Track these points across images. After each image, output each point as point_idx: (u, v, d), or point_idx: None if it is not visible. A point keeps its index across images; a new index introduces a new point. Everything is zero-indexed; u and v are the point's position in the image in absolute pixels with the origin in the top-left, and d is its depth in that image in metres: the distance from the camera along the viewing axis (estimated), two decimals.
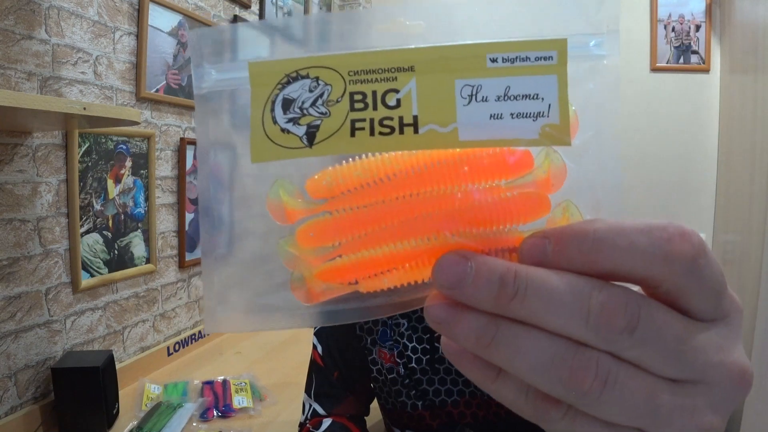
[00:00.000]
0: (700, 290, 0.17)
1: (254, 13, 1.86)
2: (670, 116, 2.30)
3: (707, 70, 2.25)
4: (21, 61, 1.01)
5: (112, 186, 1.26)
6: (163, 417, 1.10)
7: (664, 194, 2.33)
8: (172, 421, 1.09)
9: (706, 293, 0.18)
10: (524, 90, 0.18)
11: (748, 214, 1.77)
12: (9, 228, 1.01)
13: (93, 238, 1.21)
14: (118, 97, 1.27)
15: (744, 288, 1.75)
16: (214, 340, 1.68)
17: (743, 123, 1.92)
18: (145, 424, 1.06)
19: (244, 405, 1.21)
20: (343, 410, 0.84)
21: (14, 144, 1.01)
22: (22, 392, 1.05)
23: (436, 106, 0.18)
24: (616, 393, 0.17)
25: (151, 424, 1.06)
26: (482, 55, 0.18)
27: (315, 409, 0.85)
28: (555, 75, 0.18)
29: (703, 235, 2.27)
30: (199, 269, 1.63)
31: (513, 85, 0.18)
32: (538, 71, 0.18)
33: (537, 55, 0.18)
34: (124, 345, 1.33)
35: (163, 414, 1.11)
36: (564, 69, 0.18)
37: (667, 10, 2.27)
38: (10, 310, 1.02)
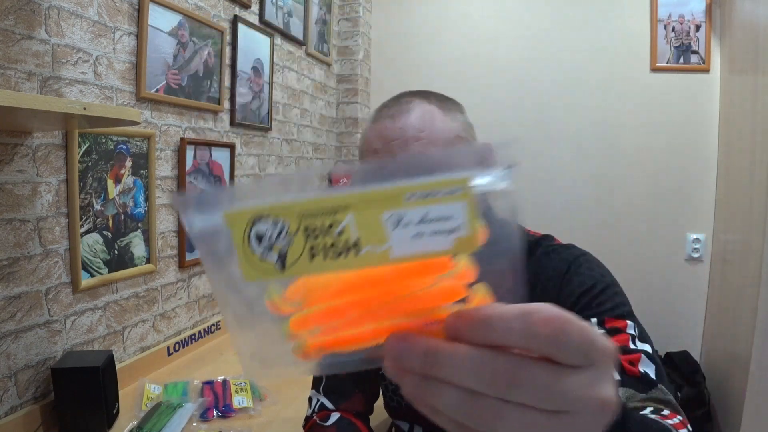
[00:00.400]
0: (562, 354, 0.24)
1: (254, 13, 1.86)
2: (670, 116, 2.30)
3: (707, 70, 2.25)
4: (21, 61, 1.01)
5: (112, 186, 1.26)
6: (163, 417, 1.10)
7: (664, 194, 2.33)
8: (172, 421, 1.09)
9: (568, 354, 0.24)
10: (439, 214, 0.24)
11: (748, 214, 1.77)
12: (9, 228, 1.01)
13: (93, 238, 1.21)
14: (118, 97, 1.27)
15: (744, 288, 1.75)
16: (213, 340, 1.68)
17: (743, 123, 1.92)
18: (145, 424, 1.06)
19: (244, 405, 1.21)
20: (350, 406, 0.85)
21: (14, 144, 1.01)
22: (22, 392, 1.05)
23: (370, 232, 0.24)
24: (505, 424, 0.24)
25: (151, 424, 1.06)
26: (399, 195, 0.24)
27: (323, 403, 0.86)
28: (464, 201, 0.24)
29: (703, 235, 2.28)
30: (199, 269, 1.63)
31: (431, 211, 0.24)
32: (449, 200, 0.24)
33: (446, 190, 0.24)
34: (124, 345, 1.33)
35: (163, 414, 1.11)
36: (470, 197, 0.24)
37: (667, 10, 2.27)
38: (10, 310, 1.02)
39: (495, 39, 2.51)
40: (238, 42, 1.73)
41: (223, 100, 1.68)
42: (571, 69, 2.41)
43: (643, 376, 0.60)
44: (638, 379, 0.59)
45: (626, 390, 0.59)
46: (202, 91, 1.58)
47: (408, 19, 2.66)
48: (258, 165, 1.95)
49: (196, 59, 1.53)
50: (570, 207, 2.40)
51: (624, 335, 0.63)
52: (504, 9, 2.50)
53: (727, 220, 2.10)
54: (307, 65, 2.31)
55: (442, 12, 2.59)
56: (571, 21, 2.41)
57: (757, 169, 1.70)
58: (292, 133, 2.21)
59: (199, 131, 1.59)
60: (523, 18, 2.48)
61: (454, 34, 2.57)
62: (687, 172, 2.30)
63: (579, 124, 2.41)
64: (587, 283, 0.67)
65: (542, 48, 2.45)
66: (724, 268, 2.10)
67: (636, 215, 2.37)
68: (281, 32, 2.04)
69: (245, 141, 1.85)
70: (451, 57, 2.58)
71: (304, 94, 2.30)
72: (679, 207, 2.32)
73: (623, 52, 2.34)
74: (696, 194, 2.30)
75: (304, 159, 2.33)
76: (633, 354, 0.61)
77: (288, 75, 2.14)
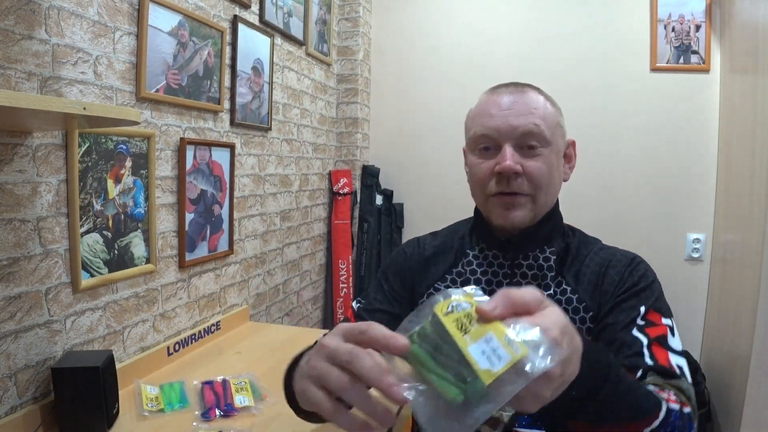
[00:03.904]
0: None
1: (254, 13, 1.86)
2: (670, 116, 2.30)
3: (707, 70, 2.25)
4: (21, 61, 1.01)
5: (112, 186, 1.26)
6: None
7: (664, 194, 2.33)
8: None
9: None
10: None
11: (748, 214, 1.77)
12: (9, 228, 1.01)
13: (93, 238, 1.21)
14: (118, 97, 1.27)
15: (744, 288, 1.75)
16: (213, 340, 1.68)
17: (743, 123, 1.92)
18: None
19: (246, 404, 1.21)
20: None
21: (14, 144, 1.01)
22: (22, 392, 1.05)
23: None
24: None
25: None
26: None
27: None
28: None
29: (703, 235, 2.28)
30: (199, 269, 1.63)
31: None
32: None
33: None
34: (124, 345, 1.33)
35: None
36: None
37: (667, 10, 2.27)
38: (10, 310, 1.02)
39: (495, 39, 2.51)
40: (238, 42, 1.73)
41: (223, 100, 1.68)
42: (570, 69, 2.41)
43: (671, 367, 0.66)
44: (666, 368, 0.66)
45: (654, 377, 0.65)
46: (202, 91, 1.58)
47: (408, 19, 2.66)
48: (258, 165, 1.95)
49: (196, 59, 1.53)
50: (570, 207, 2.38)
51: (663, 327, 0.71)
52: (504, 10, 2.50)
53: (727, 220, 2.10)
54: (307, 65, 2.31)
55: (442, 12, 2.59)
56: (571, 21, 2.41)
57: (757, 169, 1.70)
58: (292, 133, 2.21)
59: (199, 131, 1.59)
60: (523, 18, 2.48)
61: (454, 34, 2.57)
62: (687, 172, 2.30)
63: (579, 124, 2.40)
64: (650, 277, 0.76)
65: (542, 48, 2.45)
66: (724, 268, 2.10)
67: (636, 215, 2.37)
68: (281, 32, 2.04)
69: (245, 141, 1.85)
70: (451, 57, 2.58)
71: (304, 94, 2.30)
72: (679, 207, 2.32)
73: (623, 52, 2.34)
74: (696, 194, 2.30)
75: (304, 159, 2.33)
76: (666, 347, 0.69)
77: (288, 75, 2.14)
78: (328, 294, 2.59)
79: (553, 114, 0.79)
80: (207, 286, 1.68)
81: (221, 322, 1.72)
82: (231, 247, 1.78)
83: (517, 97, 0.77)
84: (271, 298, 2.10)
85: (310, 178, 2.39)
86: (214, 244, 1.69)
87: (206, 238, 1.65)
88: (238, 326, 1.82)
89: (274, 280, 2.11)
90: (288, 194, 2.19)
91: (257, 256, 1.97)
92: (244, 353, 1.59)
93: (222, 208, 1.72)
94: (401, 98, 2.70)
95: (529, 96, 0.77)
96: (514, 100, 0.77)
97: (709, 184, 2.27)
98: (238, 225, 1.83)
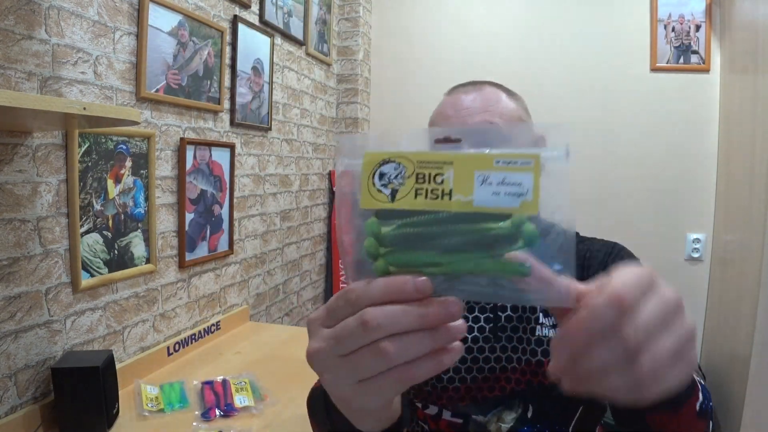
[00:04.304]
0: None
1: (254, 13, 1.86)
2: (670, 116, 2.30)
3: (707, 70, 2.25)
4: (21, 61, 1.01)
5: (112, 186, 1.26)
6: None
7: (664, 194, 2.33)
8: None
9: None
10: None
11: (748, 214, 1.77)
12: (9, 228, 1.01)
13: (93, 238, 1.21)
14: (118, 97, 1.27)
15: (744, 288, 1.75)
16: (213, 340, 1.68)
17: (743, 123, 1.92)
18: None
19: (246, 404, 1.21)
20: None
21: (14, 144, 1.01)
22: (22, 392, 1.05)
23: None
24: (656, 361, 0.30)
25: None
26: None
27: None
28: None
29: (703, 235, 2.27)
30: (199, 269, 1.63)
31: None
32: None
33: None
34: (124, 345, 1.33)
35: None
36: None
37: (667, 10, 2.27)
38: (10, 310, 1.02)
39: (495, 39, 2.51)
40: (238, 42, 1.73)
41: (223, 100, 1.68)
42: (570, 69, 2.41)
43: None
44: None
45: None
46: (202, 91, 1.58)
47: (408, 19, 2.66)
48: (258, 165, 1.95)
49: (196, 59, 1.53)
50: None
51: None
52: (504, 10, 2.50)
53: (727, 220, 2.10)
54: (307, 65, 2.31)
55: (441, 12, 2.59)
56: (571, 21, 2.41)
57: (757, 169, 1.70)
58: (292, 133, 2.21)
59: (199, 131, 1.59)
60: (523, 18, 2.48)
61: (454, 34, 2.57)
62: (687, 172, 2.30)
63: (579, 124, 2.40)
64: (634, 260, 0.74)
65: (542, 47, 2.45)
66: (724, 268, 2.10)
67: (636, 215, 2.37)
68: (281, 32, 2.04)
69: (245, 141, 1.85)
70: (451, 56, 2.58)
71: (304, 94, 2.30)
72: (679, 207, 2.32)
73: (623, 52, 2.34)
74: (696, 194, 2.30)
75: (304, 159, 2.33)
76: None
77: (288, 75, 2.14)
78: (328, 294, 2.59)
79: (514, 109, 0.77)
80: (207, 286, 1.68)
81: (221, 322, 1.72)
82: (231, 247, 1.78)
83: (473, 96, 0.76)
84: (271, 298, 2.10)
85: (310, 178, 2.39)
86: (214, 244, 1.69)
87: (206, 238, 1.65)
88: (238, 326, 1.82)
89: (274, 280, 2.11)
90: (288, 194, 2.19)
91: (257, 256, 1.97)
92: (244, 353, 1.59)
93: (222, 208, 1.72)
94: (401, 98, 2.70)
95: (485, 93, 0.76)
96: (471, 99, 0.76)
97: (709, 184, 2.27)
98: (238, 225, 1.83)
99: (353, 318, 0.32)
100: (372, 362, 0.32)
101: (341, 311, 0.33)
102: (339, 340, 0.32)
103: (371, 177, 0.33)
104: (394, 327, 0.31)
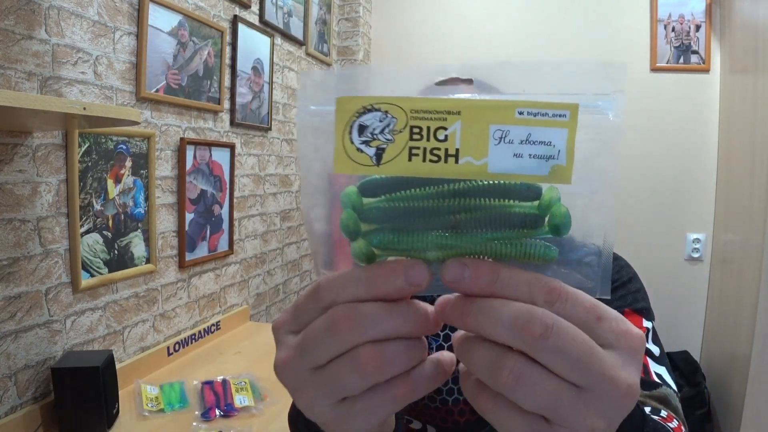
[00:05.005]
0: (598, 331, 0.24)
1: (254, 13, 1.86)
2: (670, 116, 2.30)
3: (707, 70, 2.25)
4: (21, 61, 1.01)
5: (112, 186, 1.26)
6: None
7: (664, 194, 2.33)
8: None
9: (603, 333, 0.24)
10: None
11: (748, 214, 1.77)
12: (9, 228, 1.01)
13: (93, 238, 1.21)
14: (118, 97, 1.27)
15: (744, 288, 1.75)
16: (213, 340, 1.68)
17: (743, 123, 1.92)
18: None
19: (246, 404, 1.21)
20: None
21: (14, 144, 1.01)
22: (22, 392, 1.05)
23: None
24: (527, 387, 0.23)
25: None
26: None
27: None
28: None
29: (703, 235, 2.27)
30: (199, 269, 1.63)
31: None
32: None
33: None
34: (124, 345, 1.33)
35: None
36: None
37: (667, 10, 2.27)
38: (10, 310, 1.02)
39: (494, 39, 2.51)
40: (238, 42, 1.73)
41: (223, 100, 1.68)
42: None
43: (650, 377, 0.60)
44: (643, 377, 0.59)
45: None
46: (202, 91, 1.58)
47: (408, 19, 2.66)
48: (258, 165, 1.95)
49: (196, 59, 1.53)
50: None
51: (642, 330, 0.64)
52: (504, 10, 2.50)
53: (727, 220, 2.10)
54: (307, 65, 2.31)
55: (441, 12, 2.59)
56: (571, 21, 2.41)
57: (757, 169, 1.70)
58: (292, 132, 2.21)
59: (199, 131, 1.59)
60: (523, 18, 2.48)
61: (454, 34, 2.57)
62: (687, 172, 2.30)
63: None
64: (614, 277, 0.68)
65: (542, 47, 2.45)
66: (724, 268, 2.09)
67: (636, 215, 2.37)
68: (281, 32, 2.04)
69: (245, 141, 1.85)
70: (451, 57, 2.58)
71: None
72: (679, 207, 2.32)
73: (623, 52, 2.34)
74: (696, 194, 2.30)
75: None
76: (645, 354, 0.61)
77: (288, 75, 2.14)
78: None
79: None
80: (207, 286, 1.68)
81: (221, 322, 1.72)
82: (231, 247, 1.78)
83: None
84: (271, 298, 2.10)
85: None
86: (214, 244, 1.69)
87: (206, 238, 1.65)
88: (238, 326, 1.82)
89: (274, 280, 2.11)
90: (288, 194, 2.19)
91: (257, 256, 1.97)
92: (244, 353, 1.59)
93: (222, 208, 1.72)
94: None
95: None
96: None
97: (709, 184, 2.27)
98: (238, 225, 1.83)
99: (321, 319, 0.25)
100: (351, 376, 0.25)
101: (309, 313, 0.27)
102: (306, 348, 0.26)
103: (347, 131, 0.24)
104: (375, 329, 0.24)
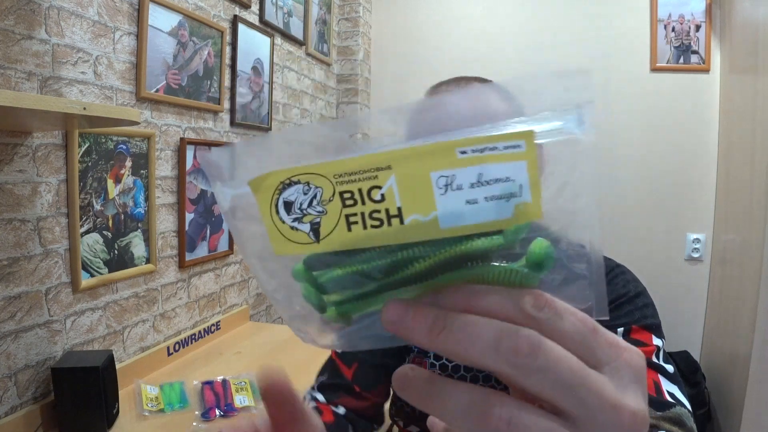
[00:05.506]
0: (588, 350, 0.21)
1: (254, 13, 1.86)
2: (670, 116, 2.30)
3: (707, 70, 2.25)
4: (21, 61, 1.01)
5: (112, 186, 1.26)
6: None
7: (664, 194, 2.33)
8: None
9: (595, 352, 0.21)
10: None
11: (748, 214, 1.77)
12: (9, 228, 1.01)
13: (93, 238, 1.21)
14: (118, 97, 1.27)
15: (744, 288, 1.75)
16: (213, 340, 1.68)
17: (743, 123, 1.92)
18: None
19: (246, 404, 1.21)
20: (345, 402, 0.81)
21: (14, 144, 1.01)
22: (22, 392, 1.05)
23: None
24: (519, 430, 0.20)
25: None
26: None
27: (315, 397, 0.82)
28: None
29: (703, 235, 2.27)
30: (199, 269, 1.63)
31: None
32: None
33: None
34: (124, 345, 1.33)
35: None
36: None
37: (667, 10, 2.27)
38: (10, 310, 1.02)
39: (495, 39, 2.51)
40: (238, 42, 1.73)
41: (223, 100, 1.68)
42: None
43: (663, 396, 0.58)
44: (655, 398, 0.57)
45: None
46: (202, 91, 1.58)
47: (408, 19, 2.66)
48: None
49: (196, 59, 1.53)
50: None
51: (649, 347, 0.61)
52: (504, 10, 2.50)
53: (727, 220, 2.10)
54: (307, 65, 2.31)
55: (442, 12, 2.59)
56: (571, 21, 2.41)
57: (757, 169, 1.70)
58: None
59: (199, 131, 1.59)
60: (523, 18, 2.48)
61: (455, 34, 2.57)
62: (687, 172, 2.30)
63: None
64: (620, 292, 0.66)
65: (542, 48, 2.45)
66: (724, 268, 2.10)
67: (636, 215, 2.37)
68: (281, 32, 2.04)
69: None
70: (451, 57, 2.58)
71: (304, 94, 2.30)
72: (679, 207, 2.32)
73: (623, 52, 2.34)
74: (696, 194, 2.30)
75: None
76: (654, 370, 0.59)
77: (288, 75, 2.14)
78: None
79: (505, 113, 0.66)
80: (207, 286, 1.68)
81: (221, 322, 1.72)
82: (231, 247, 1.78)
83: (458, 98, 0.66)
84: None
85: None
86: (214, 244, 1.69)
87: (206, 238, 1.65)
88: (238, 326, 1.82)
89: None
90: None
91: None
92: (244, 353, 1.59)
93: None
94: (401, 98, 2.69)
95: (471, 92, 0.66)
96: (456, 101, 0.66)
97: (709, 184, 2.27)
98: None
99: None
100: None
101: None
102: None
103: (274, 211, 0.21)
104: None
